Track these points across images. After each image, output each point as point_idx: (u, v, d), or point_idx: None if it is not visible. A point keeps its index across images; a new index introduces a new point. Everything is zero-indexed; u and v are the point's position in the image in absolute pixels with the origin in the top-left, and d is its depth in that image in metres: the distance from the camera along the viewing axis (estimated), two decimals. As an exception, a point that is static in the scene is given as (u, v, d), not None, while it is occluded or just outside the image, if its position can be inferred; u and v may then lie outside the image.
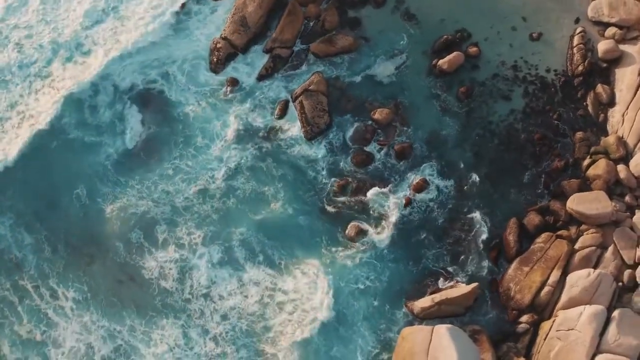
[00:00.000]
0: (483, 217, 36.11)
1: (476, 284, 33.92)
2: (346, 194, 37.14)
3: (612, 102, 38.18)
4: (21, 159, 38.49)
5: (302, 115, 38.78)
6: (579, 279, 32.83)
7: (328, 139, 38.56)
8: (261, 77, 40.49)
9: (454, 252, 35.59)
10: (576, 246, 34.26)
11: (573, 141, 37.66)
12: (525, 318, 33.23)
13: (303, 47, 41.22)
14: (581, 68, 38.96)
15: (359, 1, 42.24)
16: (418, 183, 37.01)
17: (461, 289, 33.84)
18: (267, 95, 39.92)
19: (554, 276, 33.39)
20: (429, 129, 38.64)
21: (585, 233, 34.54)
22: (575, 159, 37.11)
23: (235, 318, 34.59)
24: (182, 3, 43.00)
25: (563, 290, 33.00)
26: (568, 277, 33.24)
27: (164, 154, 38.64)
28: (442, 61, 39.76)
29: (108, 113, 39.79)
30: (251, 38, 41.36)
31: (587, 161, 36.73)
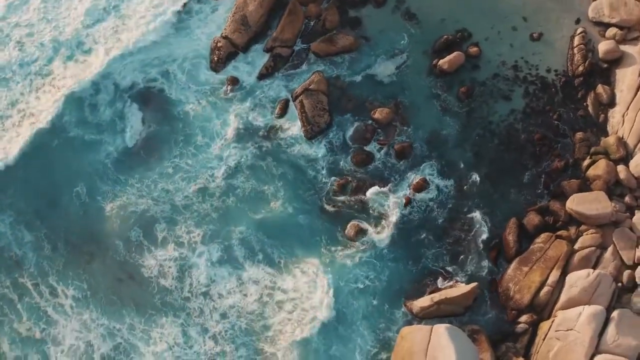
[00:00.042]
0: (483, 217, 36.10)
1: (475, 284, 33.92)
2: (346, 193, 37.13)
3: (613, 103, 38.17)
4: (21, 157, 38.53)
5: (303, 114, 38.79)
6: (578, 279, 32.81)
7: (328, 138, 38.57)
8: (262, 76, 40.52)
9: (454, 252, 35.57)
10: (576, 246, 34.26)
11: (573, 141, 37.65)
12: (524, 318, 33.19)
13: (304, 47, 41.24)
14: (582, 68, 38.94)
15: (360, 1, 42.26)
16: (418, 183, 37.00)
17: (460, 289, 33.82)
18: (268, 94, 39.94)
19: (553, 276, 33.38)
20: (429, 129, 38.64)
21: (584, 233, 34.53)
22: (575, 160, 37.09)
23: (234, 317, 34.58)
24: (184, 2, 43.02)
25: (562, 290, 32.98)
26: (567, 278, 33.23)
27: (164, 153, 38.65)
28: (443, 61, 39.76)
29: (108, 111, 39.84)
30: (252, 37, 41.39)
31: (587, 161, 36.72)
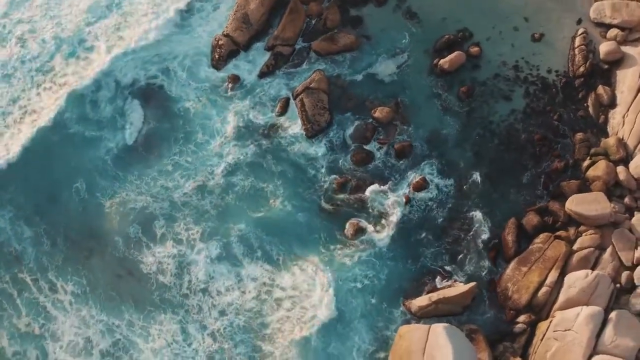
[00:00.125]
0: (482, 217, 36.06)
1: (474, 284, 33.93)
2: (345, 192, 37.13)
3: (613, 104, 38.13)
4: (22, 154, 38.48)
5: (303, 113, 38.80)
6: (577, 280, 32.79)
7: (328, 137, 38.56)
8: (262, 75, 40.51)
9: (453, 251, 35.56)
10: (574, 247, 34.24)
11: (573, 142, 37.62)
12: (522, 318, 33.18)
13: (305, 45, 41.23)
14: (582, 69, 38.90)
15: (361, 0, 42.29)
16: (418, 182, 37.00)
17: (459, 288, 33.83)
18: (268, 92, 39.93)
19: (552, 277, 33.36)
20: (430, 128, 38.63)
21: (583, 234, 34.52)
22: (575, 160, 37.06)
23: (233, 314, 34.58)
24: (187, 1, 43.04)
25: (561, 290, 32.96)
26: (566, 278, 33.21)
27: (164, 150, 38.66)
28: (444, 60, 39.76)
29: (109, 108, 39.86)
30: (253, 35, 41.40)
31: (587, 162, 36.69)
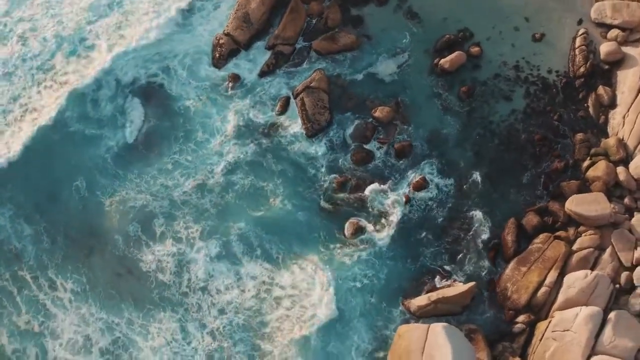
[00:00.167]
0: (482, 217, 36.07)
1: (473, 283, 33.93)
2: (345, 191, 37.14)
3: (613, 104, 38.12)
4: (23, 152, 38.50)
5: (303, 112, 38.81)
6: (576, 280, 32.79)
7: (328, 137, 38.57)
8: (263, 74, 40.52)
9: (453, 251, 35.58)
10: (574, 247, 34.25)
11: (573, 142, 37.62)
12: (521, 318, 33.20)
13: (305, 45, 41.25)
14: (583, 69, 38.89)
15: (362, -1, 42.38)
16: (418, 181, 37.01)
17: (458, 288, 33.83)
18: (269, 91, 39.95)
19: (551, 277, 33.36)
20: (430, 128, 38.64)
21: (583, 234, 34.53)
22: (575, 160, 37.06)
23: (232, 312, 34.59)
24: (188, 0, 43.18)
25: (560, 291, 32.97)
26: (565, 278, 33.21)
27: (164, 148, 38.68)
28: (444, 60, 39.77)
29: (109, 107, 39.88)
30: (254, 34, 41.42)
31: (587, 163, 36.68)
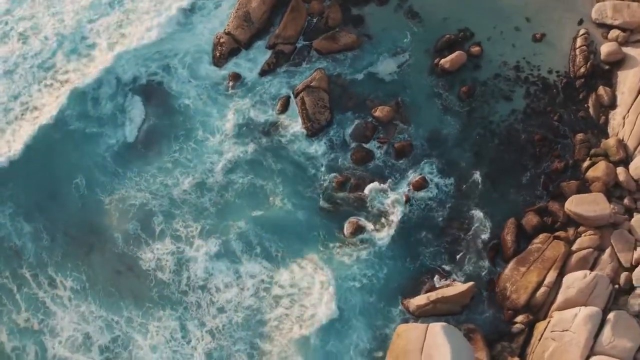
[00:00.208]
0: (482, 217, 36.06)
1: (472, 283, 33.91)
2: (345, 191, 37.14)
3: (614, 105, 38.12)
4: (23, 150, 38.40)
5: (303, 111, 38.83)
6: (575, 281, 32.78)
7: (328, 136, 38.57)
8: (263, 73, 40.53)
9: (452, 251, 35.56)
10: (573, 247, 34.24)
11: (573, 143, 37.62)
12: (520, 318, 33.18)
13: (306, 44, 41.25)
14: (583, 70, 38.89)
15: (363, -2, 42.39)
16: (418, 181, 37.00)
17: (457, 288, 33.80)
18: (269, 90, 39.95)
19: (550, 277, 33.35)
20: (430, 128, 38.64)
21: (582, 235, 34.52)
22: (575, 161, 37.06)
23: (231, 311, 34.56)
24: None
25: (559, 291, 32.94)
26: (564, 278, 33.20)
27: (164, 147, 38.65)
28: (445, 60, 39.79)
29: (110, 105, 39.85)
30: (254, 34, 41.44)
31: (587, 163, 36.68)
